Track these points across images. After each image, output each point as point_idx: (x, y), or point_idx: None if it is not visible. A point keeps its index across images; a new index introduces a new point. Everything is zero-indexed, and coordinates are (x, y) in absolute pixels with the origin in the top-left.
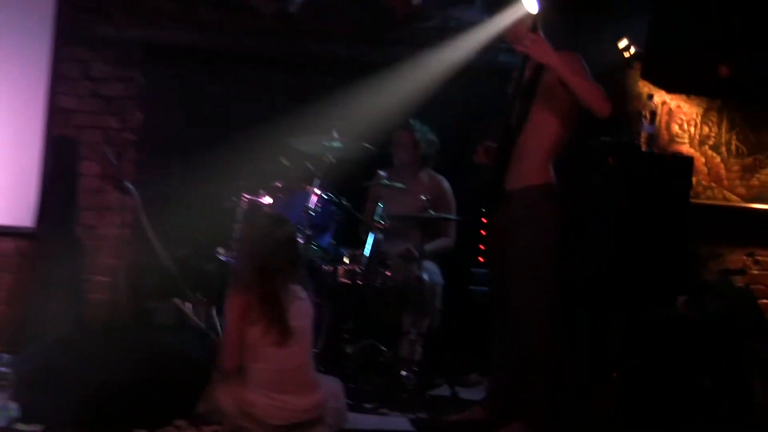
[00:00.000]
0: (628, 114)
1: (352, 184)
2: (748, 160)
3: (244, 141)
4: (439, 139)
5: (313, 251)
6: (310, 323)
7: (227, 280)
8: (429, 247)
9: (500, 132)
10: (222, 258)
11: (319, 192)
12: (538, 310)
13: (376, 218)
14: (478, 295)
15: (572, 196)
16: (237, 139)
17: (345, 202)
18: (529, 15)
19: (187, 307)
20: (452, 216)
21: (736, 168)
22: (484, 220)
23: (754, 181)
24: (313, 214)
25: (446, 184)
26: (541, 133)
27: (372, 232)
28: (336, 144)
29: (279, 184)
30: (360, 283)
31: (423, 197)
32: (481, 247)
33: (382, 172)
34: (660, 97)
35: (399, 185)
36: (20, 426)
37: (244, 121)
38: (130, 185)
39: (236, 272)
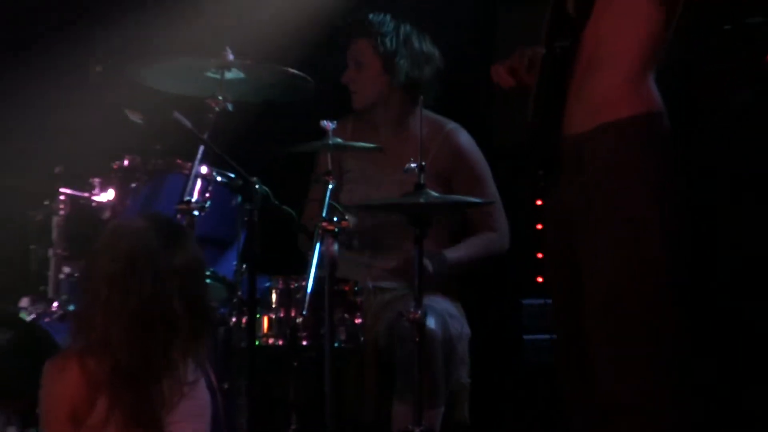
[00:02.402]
0: None
1: (273, 151)
2: None
3: (47, 82)
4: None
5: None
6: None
7: (42, 355)
8: (456, 254)
9: (546, 27)
10: (28, 317)
11: (207, 171)
12: (647, 371)
13: (325, 213)
14: (536, 351)
15: (699, 133)
16: (33, 81)
17: (260, 186)
18: None
19: None
20: (476, 198)
21: None
22: (539, 203)
23: None
24: (197, 214)
25: (464, 135)
26: (625, 23)
27: (319, 241)
28: (232, 74)
29: (127, 163)
30: (303, 344)
31: (412, 163)
32: (539, 255)
33: (328, 123)
34: None
35: (365, 145)
36: None
37: (42, 42)
38: None
39: (77, 327)
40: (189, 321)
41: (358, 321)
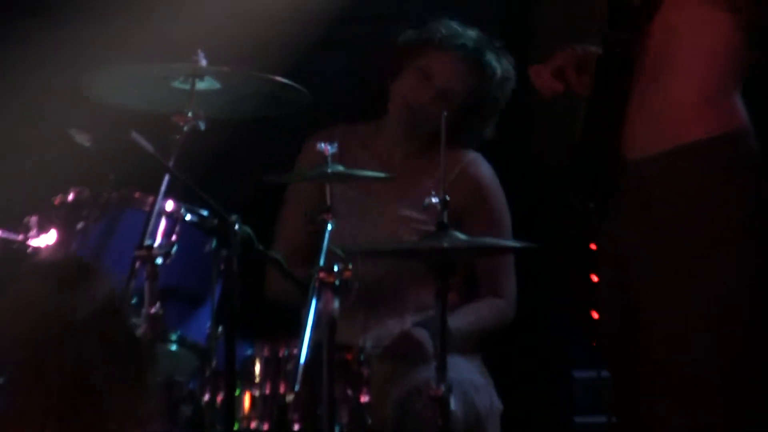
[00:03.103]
0: None
1: (257, 181)
2: None
3: None
4: None
5: (170, 357)
6: None
7: None
8: (460, 323)
9: (602, 25)
10: None
11: (173, 207)
12: None
13: (320, 260)
14: None
15: None
16: None
17: (240, 227)
18: None
19: None
20: (504, 241)
21: None
22: (593, 247)
23: None
24: (160, 261)
25: (486, 167)
26: (704, 16)
27: (314, 295)
28: (205, 83)
29: (72, 197)
30: (294, 428)
31: (433, 198)
32: (593, 314)
33: (327, 146)
34: None
35: (375, 174)
36: None
37: None
38: None
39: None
40: (117, 379)
41: (364, 399)
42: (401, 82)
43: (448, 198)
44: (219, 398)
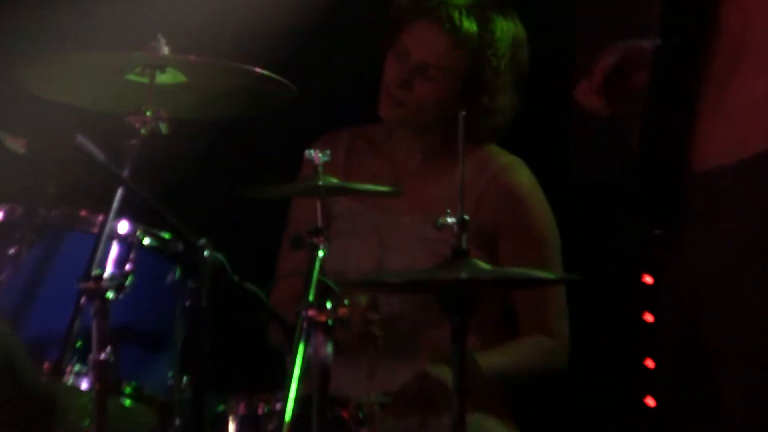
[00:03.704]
0: None
1: (231, 196)
2: None
3: None
4: None
5: (123, 414)
6: None
7: None
8: (496, 362)
9: (661, 20)
10: None
11: (128, 229)
12: None
13: (310, 296)
14: None
15: None
16: None
17: (210, 253)
18: None
19: None
20: (537, 272)
21: None
22: (648, 281)
23: None
24: (112, 296)
25: (524, 174)
26: None
27: (302, 339)
28: (168, 76)
29: (2, 216)
30: None
31: (448, 218)
32: (648, 363)
33: (317, 154)
34: None
35: (376, 188)
36: None
37: None
38: None
39: None
40: None
41: None
42: (384, 74)
43: (467, 217)
44: None
